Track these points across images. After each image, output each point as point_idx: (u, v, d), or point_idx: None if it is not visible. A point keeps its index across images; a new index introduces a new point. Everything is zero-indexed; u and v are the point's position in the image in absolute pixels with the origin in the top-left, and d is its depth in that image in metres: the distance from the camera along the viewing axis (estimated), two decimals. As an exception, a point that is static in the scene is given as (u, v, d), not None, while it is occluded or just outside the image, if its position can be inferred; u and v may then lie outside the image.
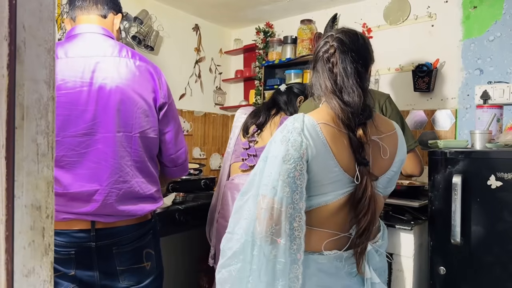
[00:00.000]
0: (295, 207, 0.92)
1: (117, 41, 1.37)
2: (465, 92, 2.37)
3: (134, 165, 1.29)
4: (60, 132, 1.19)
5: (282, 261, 0.91)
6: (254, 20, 3.34)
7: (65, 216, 1.22)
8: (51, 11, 0.48)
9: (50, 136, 0.48)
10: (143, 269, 1.36)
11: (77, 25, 1.31)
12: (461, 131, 2.37)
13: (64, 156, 1.20)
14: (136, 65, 1.31)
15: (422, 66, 2.44)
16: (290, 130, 0.95)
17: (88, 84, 1.22)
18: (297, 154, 0.92)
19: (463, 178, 1.54)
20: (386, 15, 2.69)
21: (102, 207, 1.23)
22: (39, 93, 0.47)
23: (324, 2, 2.88)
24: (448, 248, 1.59)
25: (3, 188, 0.43)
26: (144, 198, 1.32)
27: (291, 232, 0.92)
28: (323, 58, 1.05)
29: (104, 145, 1.23)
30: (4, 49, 0.43)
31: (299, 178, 0.92)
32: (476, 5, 2.33)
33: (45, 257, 0.47)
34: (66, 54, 1.24)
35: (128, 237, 1.31)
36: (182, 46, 3.19)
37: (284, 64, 3.08)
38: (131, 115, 1.27)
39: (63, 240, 1.23)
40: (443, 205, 1.62)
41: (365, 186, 0.99)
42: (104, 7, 1.35)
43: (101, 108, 1.23)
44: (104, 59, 1.26)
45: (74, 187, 1.21)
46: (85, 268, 1.26)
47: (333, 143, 0.97)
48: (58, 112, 1.18)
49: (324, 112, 1.03)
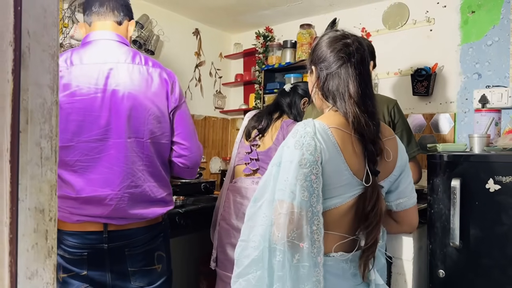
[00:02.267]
0: (313, 211, 0.92)
1: (131, 47, 1.38)
2: (463, 96, 2.38)
3: (146, 169, 1.30)
4: (74, 137, 1.21)
5: (306, 265, 0.91)
6: (254, 25, 3.35)
7: (78, 218, 1.24)
8: (55, 17, 0.49)
9: (53, 140, 0.48)
10: (154, 271, 1.37)
11: (93, 32, 1.33)
12: (460, 134, 2.38)
13: (77, 161, 1.22)
14: (149, 72, 1.32)
15: (421, 70, 2.45)
16: (303, 134, 0.94)
17: (102, 90, 1.23)
18: (313, 158, 0.92)
19: (462, 181, 1.54)
20: (385, 19, 2.71)
21: (114, 211, 1.25)
22: (43, 97, 0.47)
23: (323, 7, 2.90)
24: (447, 251, 1.60)
25: (7, 191, 0.44)
26: (155, 202, 1.34)
27: (311, 236, 0.92)
28: (351, 61, 1.02)
29: (117, 150, 1.24)
30: (9, 54, 0.44)
31: (316, 182, 0.92)
32: (474, 10, 2.35)
33: (48, 260, 0.48)
34: (81, 60, 1.25)
35: (139, 239, 1.33)
36: (182, 50, 3.21)
37: (284, 68, 3.09)
38: (142, 121, 1.28)
39: (76, 242, 1.25)
40: (442, 209, 1.62)
41: (377, 197, 1.00)
42: (120, 14, 1.37)
43: (114, 114, 1.24)
44: (117, 65, 1.27)
45: (86, 191, 1.23)
46: (97, 269, 1.28)
47: (343, 147, 0.97)
48: (73, 118, 1.21)
49: (333, 117, 1.02)
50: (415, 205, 1.14)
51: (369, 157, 1.00)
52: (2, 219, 0.43)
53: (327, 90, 1.05)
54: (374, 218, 1.00)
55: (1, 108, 0.43)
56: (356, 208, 1.01)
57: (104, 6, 1.34)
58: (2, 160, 0.43)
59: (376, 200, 1.00)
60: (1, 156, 0.43)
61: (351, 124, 0.99)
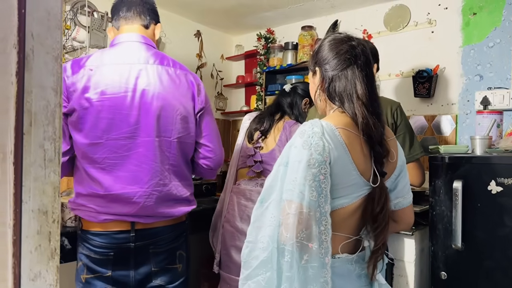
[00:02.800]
0: (321, 211, 0.91)
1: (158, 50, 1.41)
2: (465, 98, 2.38)
3: (172, 169, 1.33)
4: (104, 134, 1.23)
5: (315, 265, 0.90)
6: (255, 27, 3.36)
7: (105, 218, 1.25)
8: (58, 20, 0.49)
9: (57, 142, 0.49)
10: (175, 270, 1.39)
11: (121, 34, 1.36)
12: (462, 136, 2.38)
13: (106, 158, 1.24)
14: (176, 74, 1.36)
15: (422, 72, 2.45)
16: (311, 134, 0.94)
17: (132, 90, 1.26)
18: (321, 158, 0.91)
19: (464, 183, 1.54)
20: (387, 21, 2.71)
21: (142, 208, 1.27)
22: (46, 99, 0.48)
23: (324, 8, 2.90)
24: (449, 253, 1.60)
25: (11, 193, 0.44)
26: (180, 201, 1.37)
27: (319, 236, 0.91)
28: (357, 63, 1.03)
29: (145, 148, 1.27)
30: (13, 57, 0.44)
31: (324, 182, 0.92)
32: (475, 12, 2.35)
33: (51, 261, 0.48)
34: (111, 60, 1.28)
35: (164, 237, 1.35)
36: (184, 52, 3.22)
37: (285, 69, 3.10)
38: (170, 121, 1.31)
39: (103, 241, 1.26)
40: (444, 210, 1.62)
41: (385, 199, 1.00)
42: (146, 17, 1.40)
43: (143, 114, 1.27)
44: (147, 67, 1.30)
45: (115, 188, 1.24)
46: (121, 269, 1.29)
47: (351, 147, 0.97)
48: (103, 115, 1.23)
49: (339, 117, 1.02)
50: (411, 204, 1.15)
51: (377, 159, 1.00)
52: (6, 221, 0.43)
53: (334, 91, 1.05)
54: (383, 220, 1.00)
55: (5, 110, 0.43)
56: (362, 209, 1.01)
57: (131, 10, 1.38)
58: (6, 162, 0.43)
59: (384, 202, 1.00)
60: (5, 158, 0.43)
61: (360, 126, 0.99)
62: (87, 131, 1.23)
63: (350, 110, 1.01)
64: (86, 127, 1.23)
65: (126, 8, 1.38)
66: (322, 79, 1.08)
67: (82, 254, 1.29)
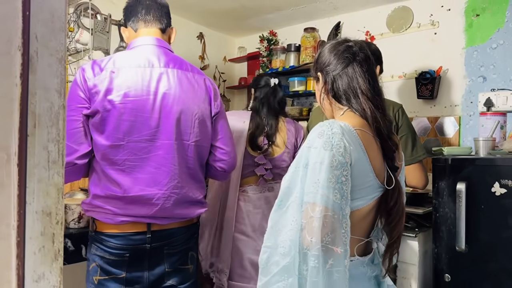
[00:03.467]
0: (342, 213, 0.90)
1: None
2: (468, 99, 2.37)
3: (188, 171, 1.35)
4: (125, 136, 1.24)
5: (340, 269, 0.88)
6: (258, 28, 3.36)
7: (122, 219, 1.26)
8: (62, 22, 0.50)
9: (60, 143, 0.49)
10: (187, 271, 1.41)
11: (140, 37, 1.37)
12: (465, 138, 2.37)
13: (126, 160, 1.25)
14: (195, 78, 1.39)
15: (425, 74, 2.44)
16: (330, 135, 0.92)
17: (153, 93, 1.28)
18: (343, 159, 0.90)
19: (467, 185, 1.54)
20: (389, 23, 2.71)
21: (160, 210, 1.28)
22: (50, 101, 0.48)
23: (327, 10, 2.91)
24: (453, 255, 1.59)
25: (15, 194, 0.44)
26: (195, 203, 1.39)
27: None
28: (356, 60, 1.04)
29: (165, 151, 1.28)
30: (18, 58, 0.44)
31: (345, 184, 0.90)
32: (478, 13, 2.34)
33: (55, 263, 0.48)
34: (132, 63, 1.29)
35: (179, 238, 1.37)
36: (187, 54, 3.22)
37: (288, 71, 3.10)
38: (189, 125, 1.33)
39: (119, 243, 1.27)
40: (447, 212, 1.61)
41: (398, 192, 1.00)
42: (164, 21, 1.42)
43: (164, 117, 1.28)
44: (167, 70, 1.32)
45: (134, 190, 1.25)
46: (136, 270, 1.30)
47: (368, 148, 0.97)
48: (125, 118, 1.24)
49: (353, 118, 1.01)
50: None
51: (387, 153, 1.00)
52: (10, 222, 0.44)
53: (338, 90, 1.05)
54: (396, 213, 1.01)
55: (9, 112, 0.43)
56: (376, 209, 1.01)
57: (151, 14, 1.39)
58: (10, 163, 0.43)
59: (398, 196, 1.00)
60: (9, 159, 0.43)
61: (370, 119, 0.99)
62: (109, 133, 1.24)
63: (358, 106, 1.02)
64: (108, 129, 1.23)
65: (145, 10, 1.39)
66: (325, 82, 1.09)
67: (96, 255, 1.29)
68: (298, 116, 3.01)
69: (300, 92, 3.01)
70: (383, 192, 1.00)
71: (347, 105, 1.04)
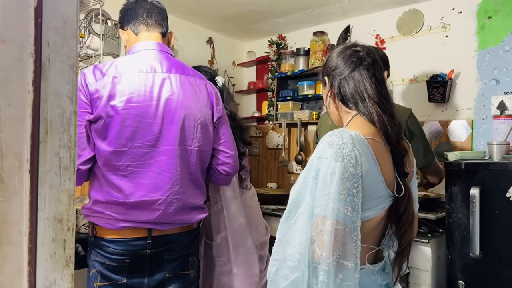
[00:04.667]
0: (353, 226, 0.87)
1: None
2: (481, 102, 2.34)
3: (189, 177, 1.35)
4: (128, 142, 1.24)
5: (350, 284, 0.86)
6: (266, 33, 3.37)
7: (123, 225, 1.25)
8: (74, 29, 0.50)
9: (72, 149, 0.49)
10: (188, 276, 1.40)
11: (142, 42, 1.37)
12: (478, 142, 2.34)
13: (129, 166, 1.25)
14: (196, 83, 1.39)
15: (436, 77, 2.42)
16: (341, 145, 0.89)
17: (156, 98, 1.28)
18: (354, 171, 0.88)
19: (481, 190, 1.51)
20: (399, 26, 2.69)
21: (161, 216, 1.28)
22: (62, 108, 0.48)
23: (336, 14, 2.90)
24: (467, 261, 1.56)
25: (27, 201, 0.44)
26: (195, 208, 1.38)
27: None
28: (363, 65, 1.03)
29: (167, 157, 1.28)
30: (30, 65, 0.45)
31: (356, 196, 0.88)
32: (490, 16, 2.31)
33: (66, 269, 0.48)
34: (134, 68, 1.29)
35: (179, 244, 1.36)
36: (196, 59, 3.23)
37: (297, 75, 3.09)
38: (192, 130, 1.33)
39: (120, 248, 1.27)
40: (461, 218, 1.59)
41: (408, 199, 0.99)
42: (165, 26, 1.43)
43: (166, 122, 1.28)
44: (170, 76, 1.32)
45: (136, 196, 1.25)
46: (136, 276, 1.30)
47: (379, 158, 0.95)
48: (128, 124, 1.24)
49: (364, 126, 0.99)
50: (417, 213, 1.12)
51: (396, 159, 0.99)
52: (22, 228, 0.44)
53: (345, 94, 1.04)
54: (406, 221, 0.99)
55: (21, 119, 0.44)
56: (387, 217, 1.00)
57: (152, 18, 1.39)
58: (22, 170, 0.44)
59: (408, 203, 0.99)
60: (21, 166, 0.44)
61: (377, 124, 0.98)
62: (112, 139, 1.23)
63: (365, 110, 1.00)
64: (111, 134, 1.23)
65: (146, 14, 1.38)
66: (331, 86, 1.08)
67: (96, 261, 1.29)
68: (308, 120, 2.99)
69: (310, 96, 3.00)
70: (392, 202, 0.99)
71: (355, 109, 1.03)
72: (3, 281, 0.42)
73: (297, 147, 3.14)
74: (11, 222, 0.43)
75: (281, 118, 3.12)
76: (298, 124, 3.03)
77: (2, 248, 0.42)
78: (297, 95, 3.10)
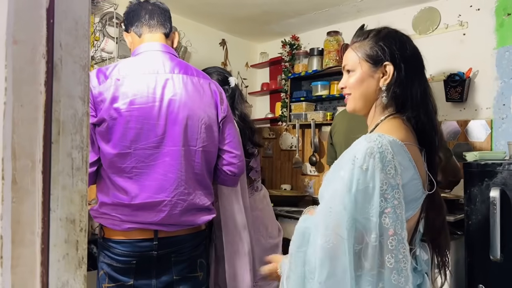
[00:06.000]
0: (397, 238, 0.84)
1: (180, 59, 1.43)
2: (500, 101, 2.28)
3: (195, 177, 1.34)
4: (132, 144, 1.24)
5: None
6: (280, 34, 3.36)
7: (129, 226, 1.26)
8: (86, 30, 0.50)
9: (84, 150, 0.49)
10: (196, 279, 1.39)
11: (145, 43, 1.37)
12: (497, 142, 2.28)
13: (134, 168, 1.25)
14: (200, 83, 1.38)
15: (454, 76, 2.37)
16: (380, 154, 0.84)
17: (159, 100, 1.28)
18: (394, 182, 0.84)
19: (502, 191, 1.47)
20: (415, 25, 2.64)
21: (167, 217, 1.28)
22: (74, 108, 0.48)
23: (350, 13, 2.87)
24: (487, 265, 1.51)
25: (39, 201, 0.44)
26: (202, 209, 1.37)
27: (397, 265, 0.83)
28: (417, 64, 1.00)
29: (171, 158, 1.28)
30: (42, 66, 0.45)
31: (399, 207, 0.84)
32: (510, 12, 2.25)
33: (79, 270, 0.48)
34: (137, 70, 1.29)
35: (186, 245, 1.36)
36: (210, 60, 3.24)
37: (311, 76, 3.07)
38: (196, 130, 1.33)
39: (126, 250, 1.27)
40: (480, 220, 1.54)
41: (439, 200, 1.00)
42: (168, 26, 1.42)
43: (170, 123, 1.28)
44: (173, 76, 1.32)
45: (141, 197, 1.25)
46: (143, 277, 1.30)
47: (417, 163, 0.92)
48: (132, 125, 1.24)
49: (401, 129, 0.94)
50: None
51: (433, 168, 0.97)
52: (34, 229, 0.44)
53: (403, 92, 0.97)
54: (443, 229, 1.00)
55: (33, 119, 0.44)
56: (417, 217, 0.98)
57: (155, 19, 1.39)
58: (34, 170, 0.44)
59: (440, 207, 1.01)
60: (34, 166, 0.44)
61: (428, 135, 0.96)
62: (116, 141, 1.24)
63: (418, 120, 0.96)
64: (115, 137, 1.24)
65: (148, 15, 1.38)
66: (392, 75, 0.97)
67: (104, 263, 1.30)
68: (322, 121, 2.97)
69: (324, 96, 2.98)
70: (424, 199, 0.97)
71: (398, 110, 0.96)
72: (16, 281, 0.42)
73: (311, 148, 3.11)
74: (23, 223, 0.43)
75: (295, 119, 3.10)
76: (312, 125, 3.00)
77: (15, 249, 0.42)
78: (311, 95, 3.08)
